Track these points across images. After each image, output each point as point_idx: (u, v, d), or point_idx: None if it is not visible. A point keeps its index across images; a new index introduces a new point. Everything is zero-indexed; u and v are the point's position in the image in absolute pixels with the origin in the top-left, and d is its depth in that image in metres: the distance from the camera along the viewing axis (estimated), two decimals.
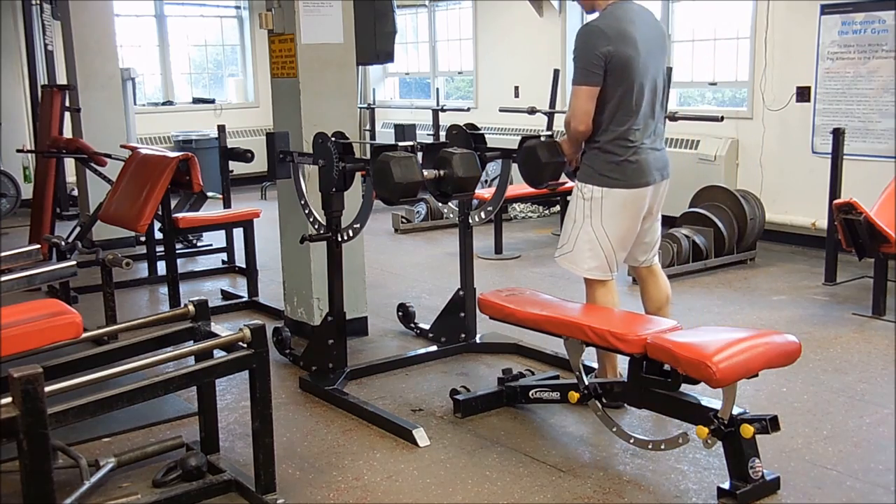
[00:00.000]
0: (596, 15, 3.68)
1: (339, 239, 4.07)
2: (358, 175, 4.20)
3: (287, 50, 4.57)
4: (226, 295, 5.92)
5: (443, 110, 9.02)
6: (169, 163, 5.48)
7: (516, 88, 9.14)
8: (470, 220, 4.48)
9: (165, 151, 6.17)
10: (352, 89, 4.78)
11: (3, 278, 3.44)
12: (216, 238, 7.02)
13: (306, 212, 4.25)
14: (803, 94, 6.69)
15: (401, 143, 3.75)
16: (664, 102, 3.83)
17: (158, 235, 6.04)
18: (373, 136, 10.44)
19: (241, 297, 5.75)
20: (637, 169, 3.64)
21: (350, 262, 4.49)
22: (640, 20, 3.64)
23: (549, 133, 4.16)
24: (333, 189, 3.95)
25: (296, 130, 4.55)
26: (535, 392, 3.70)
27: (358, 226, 4.06)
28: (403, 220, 7.92)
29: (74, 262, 3.82)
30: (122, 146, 6.76)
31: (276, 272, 5.46)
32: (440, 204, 4.53)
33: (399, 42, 6.72)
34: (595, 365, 3.96)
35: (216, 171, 7.32)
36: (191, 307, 3.19)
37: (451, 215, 4.68)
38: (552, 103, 7.91)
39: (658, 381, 3.18)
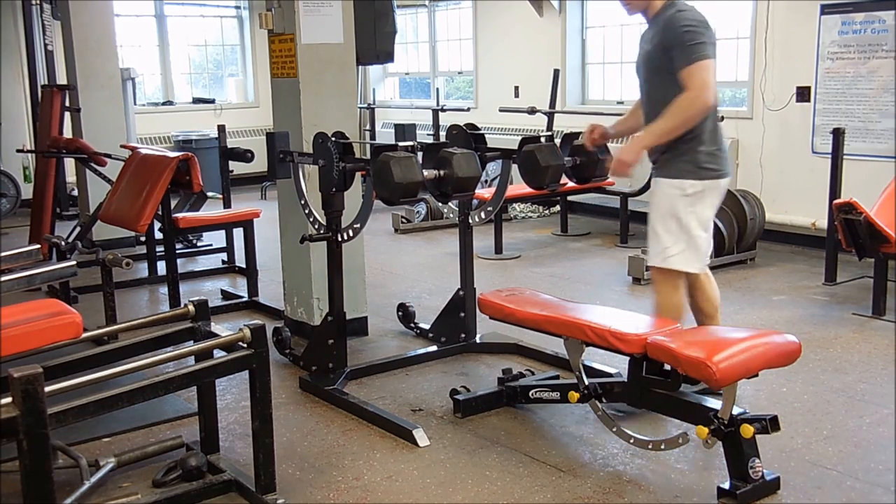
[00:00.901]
0: (635, 15, 3.73)
1: (339, 239, 4.07)
2: (358, 175, 4.20)
3: (287, 50, 4.57)
4: (226, 295, 5.92)
5: (443, 110, 9.02)
6: (169, 163, 5.48)
7: (516, 88, 9.14)
8: (470, 220, 4.48)
9: (165, 151, 6.17)
10: (352, 89, 4.78)
11: (3, 278, 3.44)
12: (216, 238, 7.02)
13: (306, 212, 4.25)
14: (803, 94, 6.69)
15: (401, 143, 3.75)
16: None
17: (158, 235, 6.05)
18: (373, 136, 10.44)
19: (241, 297, 5.75)
20: (726, 158, 3.66)
21: (350, 262, 4.49)
22: None
23: (550, 133, 4.14)
24: (333, 189, 3.95)
25: (296, 130, 4.55)
26: (535, 392, 3.70)
27: (358, 226, 4.06)
28: (403, 220, 7.92)
29: (74, 262, 3.82)
30: (122, 146, 6.76)
31: (276, 272, 5.46)
32: (440, 204, 4.53)
33: (399, 42, 6.71)
34: (595, 365, 3.96)
35: (216, 171, 7.32)
36: (191, 307, 3.19)
37: (451, 215, 4.68)
38: (552, 103, 7.91)
39: (658, 381, 3.18)
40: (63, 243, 4.79)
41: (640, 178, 7.19)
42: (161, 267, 6.11)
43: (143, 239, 6.76)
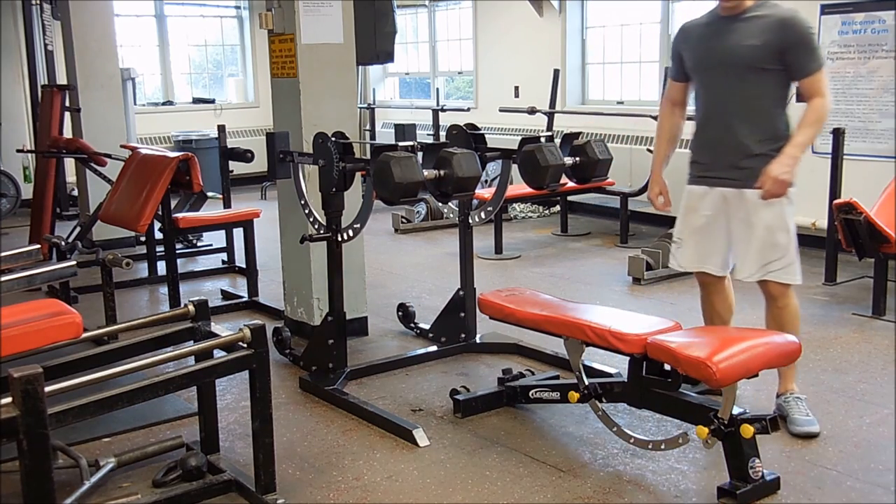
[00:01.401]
0: (708, 11, 3.59)
1: (339, 239, 4.07)
2: (358, 175, 4.20)
3: (287, 50, 4.57)
4: (226, 295, 5.92)
5: (443, 110, 9.03)
6: (169, 163, 5.48)
7: (516, 88, 9.14)
8: (470, 220, 4.48)
9: (165, 151, 6.17)
10: (352, 89, 4.78)
11: (3, 278, 3.44)
12: (216, 238, 7.02)
13: (306, 212, 4.25)
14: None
15: (401, 143, 3.75)
16: None
17: (158, 235, 6.05)
18: (373, 136, 10.44)
19: (241, 297, 5.75)
20: None
21: (350, 262, 4.49)
22: None
23: (550, 133, 4.15)
24: (333, 189, 3.95)
25: (296, 130, 4.55)
26: (535, 392, 3.70)
27: (358, 226, 4.06)
28: (403, 220, 7.92)
29: (74, 262, 3.82)
30: (122, 146, 6.76)
31: (276, 272, 5.46)
32: (440, 204, 4.53)
33: (399, 42, 6.71)
34: (595, 365, 3.96)
35: (216, 171, 7.32)
36: (191, 307, 3.19)
37: (451, 215, 4.68)
38: (552, 103, 7.91)
39: (658, 381, 3.18)
40: (63, 243, 4.79)
41: (639, 177, 7.21)
42: (161, 267, 6.11)
43: (143, 239, 6.75)
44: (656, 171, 3.85)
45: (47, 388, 2.39)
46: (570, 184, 4.33)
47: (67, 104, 6.95)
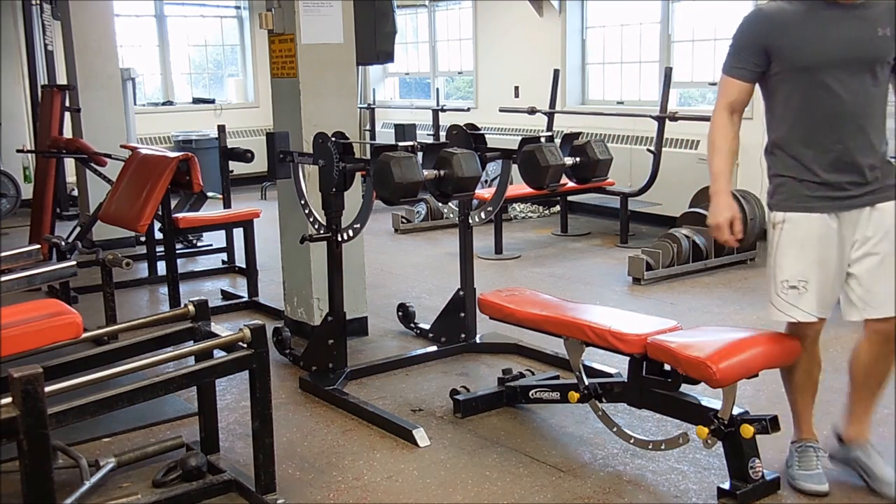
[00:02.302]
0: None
1: (339, 239, 4.08)
2: (358, 175, 4.20)
3: (287, 50, 4.57)
4: (226, 295, 5.92)
5: (443, 110, 9.03)
6: (169, 163, 5.48)
7: (516, 88, 9.14)
8: (470, 220, 4.48)
9: (165, 151, 6.17)
10: (352, 89, 4.78)
11: (3, 278, 3.44)
12: (216, 238, 7.02)
13: (306, 212, 4.25)
14: None
15: (401, 143, 3.75)
16: None
17: (158, 235, 6.05)
18: (373, 136, 10.44)
19: (241, 297, 5.75)
20: None
21: (350, 262, 4.49)
22: None
23: (550, 134, 4.15)
24: (333, 189, 3.95)
25: (296, 130, 4.55)
26: (535, 392, 3.70)
27: (358, 226, 4.06)
28: (403, 220, 7.92)
29: (74, 262, 3.82)
30: (122, 146, 6.76)
31: (276, 272, 5.46)
32: (440, 204, 4.53)
33: (399, 42, 6.71)
34: (594, 365, 3.96)
35: (216, 171, 7.32)
36: (191, 307, 3.19)
37: (451, 215, 4.68)
38: (552, 103, 7.91)
39: (658, 381, 3.18)
40: (63, 243, 4.79)
41: (639, 177, 7.21)
42: (161, 267, 6.11)
43: (143, 239, 6.76)
44: (724, 191, 3.12)
45: (47, 388, 2.39)
46: (570, 184, 4.34)
47: (67, 104, 6.95)
